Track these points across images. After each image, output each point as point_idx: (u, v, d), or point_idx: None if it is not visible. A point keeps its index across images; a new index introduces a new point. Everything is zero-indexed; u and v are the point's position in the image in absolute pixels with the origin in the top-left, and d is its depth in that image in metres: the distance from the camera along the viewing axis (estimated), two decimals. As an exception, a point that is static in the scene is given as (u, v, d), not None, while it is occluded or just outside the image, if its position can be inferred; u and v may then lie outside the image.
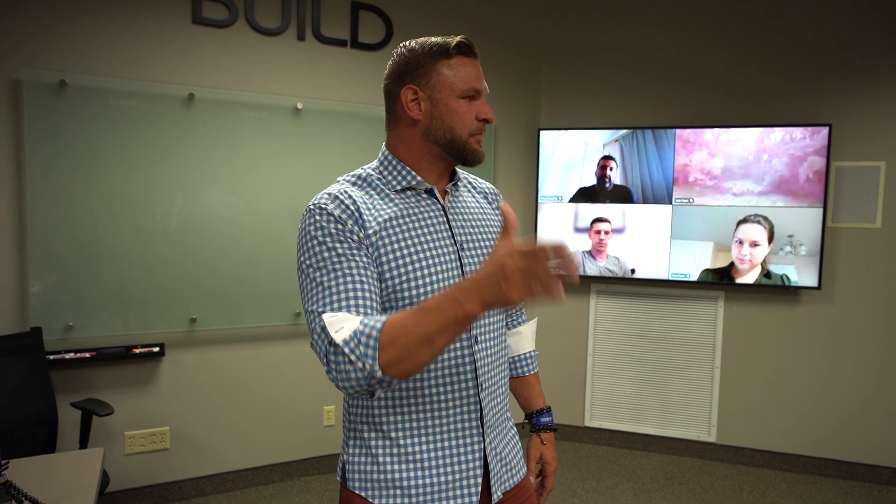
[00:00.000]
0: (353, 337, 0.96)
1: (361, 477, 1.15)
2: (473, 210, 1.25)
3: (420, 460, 1.12)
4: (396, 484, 1.12)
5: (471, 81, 1.14)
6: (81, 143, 2.61)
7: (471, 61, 1.16)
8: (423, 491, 1.12)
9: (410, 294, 1.10)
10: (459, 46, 1.14)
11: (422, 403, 1.13)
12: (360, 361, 0.95)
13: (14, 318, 2.58)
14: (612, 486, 3.24)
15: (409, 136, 1.17)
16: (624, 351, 3.73)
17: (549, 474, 1.37)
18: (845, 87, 3.29)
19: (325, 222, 1.08)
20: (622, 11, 3.68)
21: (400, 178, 1.17)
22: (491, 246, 1.21)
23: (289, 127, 3.04)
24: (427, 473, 1.12)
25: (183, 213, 2.84)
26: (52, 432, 2.38)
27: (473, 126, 1.15)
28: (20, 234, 2.57)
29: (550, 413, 1.43)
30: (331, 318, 1.00)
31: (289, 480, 3.21)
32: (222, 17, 2.91)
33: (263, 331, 3.09)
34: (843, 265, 3.33)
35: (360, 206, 1.11)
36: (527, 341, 1.44)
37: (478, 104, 1.16)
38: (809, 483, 3.32)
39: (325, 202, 1.11)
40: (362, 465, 1.15)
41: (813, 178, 3.24)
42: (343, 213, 1.09)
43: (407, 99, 1.15)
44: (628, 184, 3.53)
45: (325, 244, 1.07)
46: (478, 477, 1.15)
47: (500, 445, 1.22)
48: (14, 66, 2.52)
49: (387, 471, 1.12)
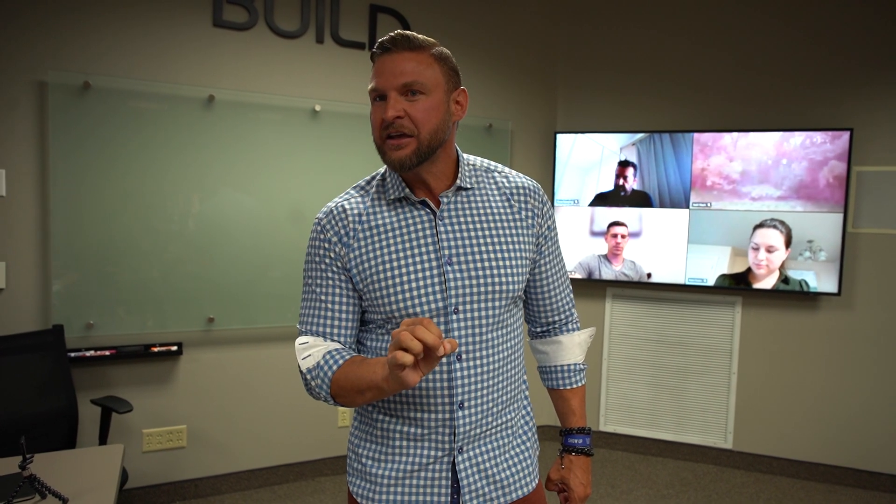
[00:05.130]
0: (314, 368, 1.11)
1: (354, 481, 1.23)
2: (475, 218, 1.16)
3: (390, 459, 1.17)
4: (370, 477, 1.19)
5: (371, 82, 1.10)
6: (103, 144, 2.65)
7: (381, 59, 1.09)
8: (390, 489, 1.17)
9: (389, 308, 1.12)
10: (380, 45, 1.09)
11: (400, 413, 1.16)
12: (317, 390, 1.12)
13: (37, 316, 2.63)
14: (627, 492, 3.21)
15: None
16: (639, 355, 3.71)
17: (573, 501, 1.27)
18: (867, 92, 3.25)
19: (317, 241, 1.17)
20: (640, 14, 3.66)
21: (397, 187, 1.16)
22: (490, 257, 1.14)
23: (306, 129, 3.07)
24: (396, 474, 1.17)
25: (201, 213, 2.88)
26: (73, 428, 2.41)
27: (379, 129, 1.09)
28: (43, 234, 2.62)
29: (585, 435, 1.30)
30: (302, 343, 1.15)
31: (303, 480, 3.23)
32: (242, 20, 2.94)
33: (279, 331, 3.11)
34: (863, 271, 3.28)
35: (351, 220, 1.15)
36: (569, 352, 1.32)
37: (384, 104, 1.08)
38: (828, 492, 3.27)
39: (322, 217, 1.18)
40: (354, 463, 1.24)
41: (833, 183, 3.20)
42: (331, 230, 1.16)
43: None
44: (645, 188, 3.51)
45: (313, 263, 1.18)
46: (442, 490, 1.15)
47: (489, 461, 1.17)
48: (40, 68, 2.56)
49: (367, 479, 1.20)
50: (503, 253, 1.16)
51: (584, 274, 3.65)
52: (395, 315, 1.12)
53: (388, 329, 1.15)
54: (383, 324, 1.15)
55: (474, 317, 1.14)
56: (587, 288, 3.78)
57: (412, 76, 1.07)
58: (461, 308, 1.13)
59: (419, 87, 1.07)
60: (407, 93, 1.07)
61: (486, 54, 3.59)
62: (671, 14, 3.60)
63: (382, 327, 1.16)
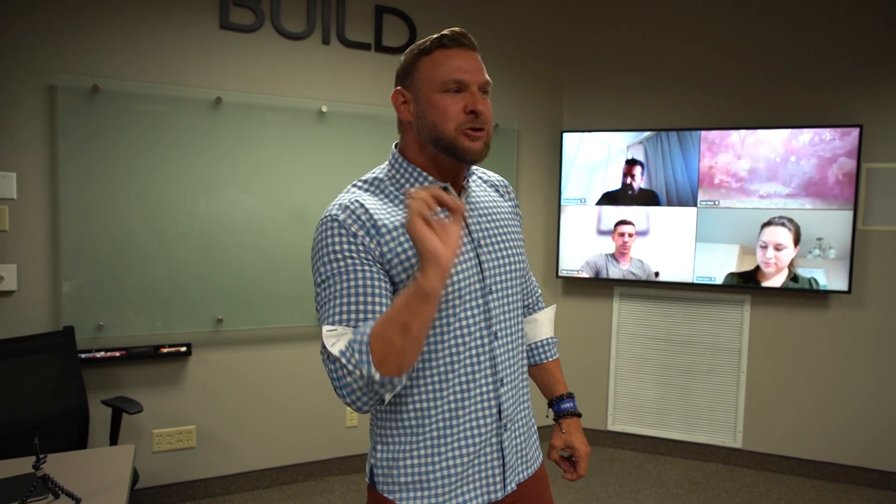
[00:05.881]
0: (347, 347, 0.99)
1: (388, 480, 1.16)
2: (487, 204, 1.24)
3: (442, 460, 1.14)
4: (422, 485, 1.14)
5: (451, 73, 1.09)
6: (112, 147, 2.67)
7: (456, 52, 1.10)
8: (446, 490, 1.14)
9: None
10: (441, 39, 1.11)
11: (444, 404, 1.13)
12: (356, 369, 0.98)
13: (48, 318, 2.65)
14: (636, 491, 3.21)
15: (411, 139, 1.17)
16: (647, 354, 3.70)
17: (580, 459, 1.33)
18: (877, 88, 3.23)
19: (337, 235, 1.08)
20: (646, 13, 3.65)
21: (412, 180, 1.16)
22: (507, 239, 1.22)
23: (313, 130, 3.08)
24: (449, 473, 1.14)
25: (209, 215, 2.89)
26: (84, 429, 2.43)
27: (460, 119, 1.09)
28: (54, 236, 2.64)
29: (572, 399, 1.40)
30: (329, 330, 1.03)
31: (312, 480, 3.24)
32: (249, 22, 2.96)
33: (288, 332, 3.13)
34: (874, 269, 3.26)
35: (373, 214, 1.10)
36: (544, 328, 1.42)
37: (465, 96, 1.10)
38: (839, 491, 3.25)
39: (337, 213, 1.10)
40: (388, 468, 1.16)
41: (843, 180, 3.18)
42: (354, 223, 1.08)
43: (398, 102, 1.15)
44: (653, 186, 3.50)
45: (336, 258, 1.07)
46: (496, 470, 1.17)
47: (519, 439, 1.23)
48: (50, 72, 2.59)
49: (411, 473, 1.14)
50: (511, 236, 1.25)
51: (592, 273, 3.64)
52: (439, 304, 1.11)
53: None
54: None
55: (505, 295, 1.20)
56: (595, 287, 3.78)
57: (487, 76, 1.14)
58: (494, 288, 1.18)
59: (489, 88, 1.14)
60: (481, 90, 1.12)
61: (491, 54, 3.59)
62: (678, 12, 3.59)
63: None
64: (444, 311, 1.11)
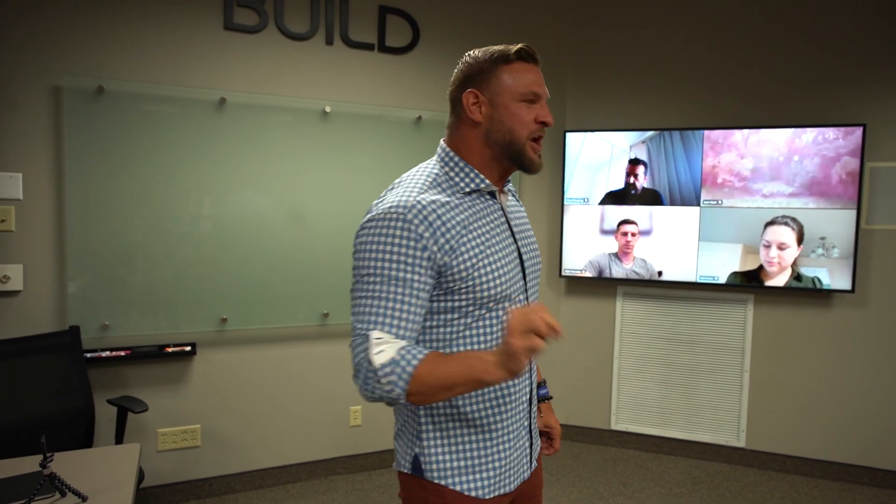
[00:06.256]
0: (390, 363, 1.04)
1: (440, 466, 1.20)
2: (516, 208, 1.35)
3: (492, 445, 1.22)
4: (475, 469, 1.21)
5: (530, 85, 1.19)
6: (117, 147, 2.68)
7: (531, 67, 1.21)
8: (497, 473, 1.23)
9: (486, 294, 1.17)
10: (520, 52, 1.19)
11: (495, 392, 1.22)
12: (389, 386, 1.04)
13: (53, 317, 2.67)
14: (639, 490, 3.21)
15: (472, 139, 1.21)
16: (651, 354, 3.70)
17: (556, 436, 1.48)
18: (880, 87, 3.22)
19: (400, 231, 1.10)
20: (648, 12, 3.65)
21: (468, 179, 1.21)
22: (533, 242, 1.34)
23: (317, 130, 3.09)
24: (500, 456, 1.23)
25: (213, 215, 2.90)
26: (90, 428, 2.45)
27: (532, 128, 1.20)
28: (59, 236, 2.65)
29: (546, 385, 1.52)
30: (377, 337, 1.06)
31: (316, 479, 3.25)
32: (253, 23, 2.97)
33: (292, 331, 3.14)
34: (878, 268, 3.25)
35: (440, 215, 1.13)
36: None
37: (537, 107, 1.20)
38: (843, 491, 3.25)
39: (403, 211, 1.11)
40: (440, 455, 1.21)
41: (846, 179, 3.17)
42: (421, 223, 1.10)
43: (468, 102, 1.19)
44: (656, 185, 3.50)
45: (391, 258, 1.10)
46: (526, 450, 1.30)
47: (536, 421, 1.37)
48: (55, 73, 2.60)
49: (465, 458, 1.21)
50: (534, 238, 1.37)
51: (595, 272, 3.64)
52: (488, 299, 1.17)
53: (467, 313, 1.17)
54: (460, 309, 1.17)
55: (535, 293, 1.33)
56: (598, 286, 3.78)
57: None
58: (529, 288, 1.29)
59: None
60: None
61: (494, 54, 3.60)
62: (680, 11, 3.59)
63: (456, 311, 1.17)
64: (498, 311, 1.19)
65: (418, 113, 3.31)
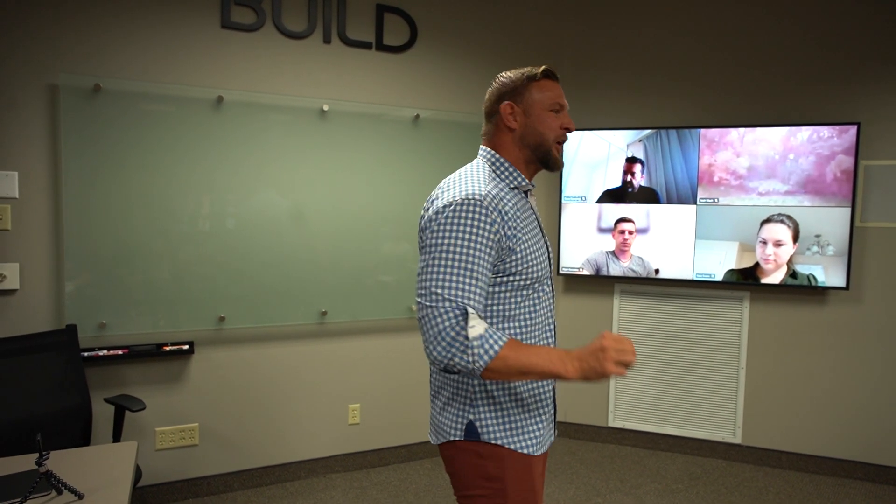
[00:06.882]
0: (481, 337, 1.23)
1: (496, 429, 1.40)
2: (536, 207, 1.54)
3: (536, 409, 1.44)
4: (524, 429, 1.42)
5: (556, 98, 1.45)
6: (114, 146, 2.68)
7: (555, 84, 1.46)
8: (540, 433, 1.45)
9: (535, 276, 1.40)
10: (545, 72, 1.45)
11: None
12: (474, 357, 1.23)
13: (51, 316, 2.66)
14: (637, 487, 3.22)
15: (508, 142, 1.45)
16: (647, 351, 3.71)
17: None
18: (874, 86, 3.24)
19: (480, 215, 1.30)
20: (645, 11, 3.66)
21: (512, 178, 1.44)
22: (545, 234, 1.54)
23: (315, 129, 3.09)
24: (541, 419, 1.45)
25: (211, 214, 2.90)
26: (87, 426, 2.44)
27: (558, 133, 1.45)
28: (56, 235, 2.65)
29: None
30: (473, 314, 1.25)
31: (314, 477, 3.26)
32: (250, 22, 2.96)
33: (290, 330, 3.14)
34: (872, 265, 3.27)
35: (503, 204, 1.34)
36: None
37: (562, 116, 1.45)
38: (838, 486, 3.27)
39: (480, 198, 1.31)
40: (495, 419, 1.40)
41: (841, 178, 3.19)
42: (494, 210, 1.31)
43: (505, 112, 1.44)
44: (652, 184, 3.51)
45: (472, 237, 1.29)
46: (552, 416, 1.53)
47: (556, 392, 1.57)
48: (51, 71, 2.59)
49: (516, 420, 1.41)
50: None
51: (592, 270, 3.65)
52: (534, 280, 1.40)
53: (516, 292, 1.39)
54: (511, 287, 1.38)
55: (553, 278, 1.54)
56: (595, 284, 3.79)
57: None
58: (552, 274, 1.53)
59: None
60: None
61: (491, 53, 3.60)
62: (677, 10, 3.60)
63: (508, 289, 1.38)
64: (539, 292, 1.42)
65: (416, 111, 3.31)
